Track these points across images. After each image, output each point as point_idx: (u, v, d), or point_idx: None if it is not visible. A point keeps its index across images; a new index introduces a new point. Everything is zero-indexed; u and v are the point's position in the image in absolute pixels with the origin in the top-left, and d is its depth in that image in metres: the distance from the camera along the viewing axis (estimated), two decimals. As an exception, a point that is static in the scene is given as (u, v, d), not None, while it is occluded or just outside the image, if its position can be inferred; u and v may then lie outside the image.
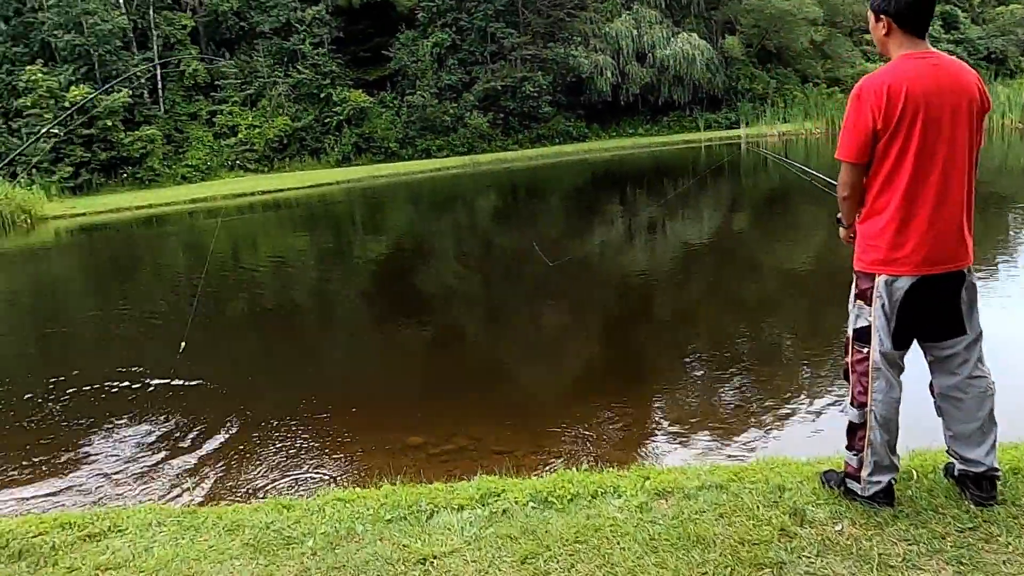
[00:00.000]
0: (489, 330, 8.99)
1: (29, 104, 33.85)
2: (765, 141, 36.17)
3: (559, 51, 41.42)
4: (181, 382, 7.02)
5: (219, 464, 5.10)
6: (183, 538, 3.32)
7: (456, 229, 18.45)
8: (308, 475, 4.80)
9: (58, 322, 11.32)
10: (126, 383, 7.25)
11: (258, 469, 4.97)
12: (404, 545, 3.01)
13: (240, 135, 39.09)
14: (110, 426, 6.07)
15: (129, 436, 5.80)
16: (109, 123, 34.38)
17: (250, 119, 39.54)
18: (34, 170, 32.32)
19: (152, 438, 5.72)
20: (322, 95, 40.35)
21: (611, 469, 3.67)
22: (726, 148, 34.74)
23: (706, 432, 5.01)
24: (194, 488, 4.73)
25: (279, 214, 25.14)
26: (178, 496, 4.63)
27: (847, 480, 2.96)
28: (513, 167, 33.95)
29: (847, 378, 2.94)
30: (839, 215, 3.02)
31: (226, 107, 39.89)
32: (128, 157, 35.76)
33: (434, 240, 16.64)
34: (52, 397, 6.99)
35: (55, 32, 35.65)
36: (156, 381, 7.16)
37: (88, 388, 7.20)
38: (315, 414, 5.92)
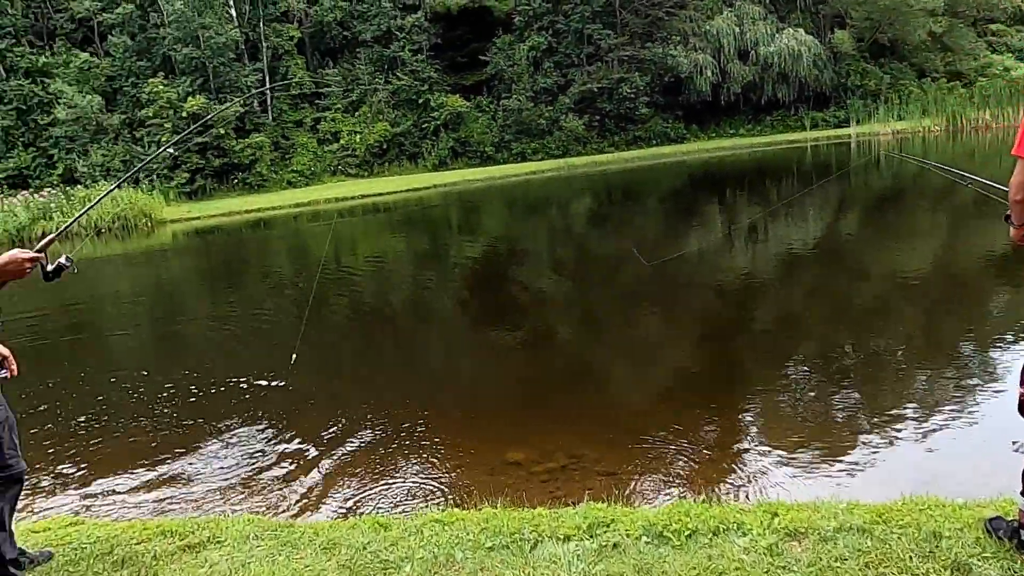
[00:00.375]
0: (586, 336, 8.71)
1: (151, 115, 36.04)
2: (877, 140, 34.21)
3: (657, 51, 40.61)
4: (280, 385, 7.10)
5: (315, 472, 5.05)
6: (280, 555, 3.23)
7: (551, 232, 18.25)
8: (405, 488, 4.66)
9: (174, 322, 11.82)
10: (233, 386, 7.40)
11: (355, 479, 4.88)
12: (507, 578, 2.79)
13: (342, 141, 40.33)
14: (215, 430, 6.16)
15: (232, 441, 5.86)
16: (222, 131, 36.21)
17: (351, 125, 40.75)
18: (155, 176, 34.33)
19: (253, 443, 5.75)
20: (420, 100, 41.10)
21: (731, 501, 3.35)
22: (835, 147, 33.06)
23: (832, 458, 4.56)
24: (291, 497, 4.68)
25: (378, 217, 25.66)
26: (275, 504, 4.59)
27: (1022, 531, 2.53)
28: (608, 170, 33.48)
29: (1023, 412, 2.52)
30: (1007, 213, 2.60)
31: (329, 114, 41.28)
32: (239, 164, 37.52)
33: (528, 243, 16.49)
34: (164, 398, 7.21)
35: (175, 46, 37.82)
36: (258, 384, 7.27)
37: (197, 390, 7.40)
38: (412, 422, 5.81)
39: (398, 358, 8.32)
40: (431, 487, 4.62)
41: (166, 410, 6.82)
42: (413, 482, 4.72)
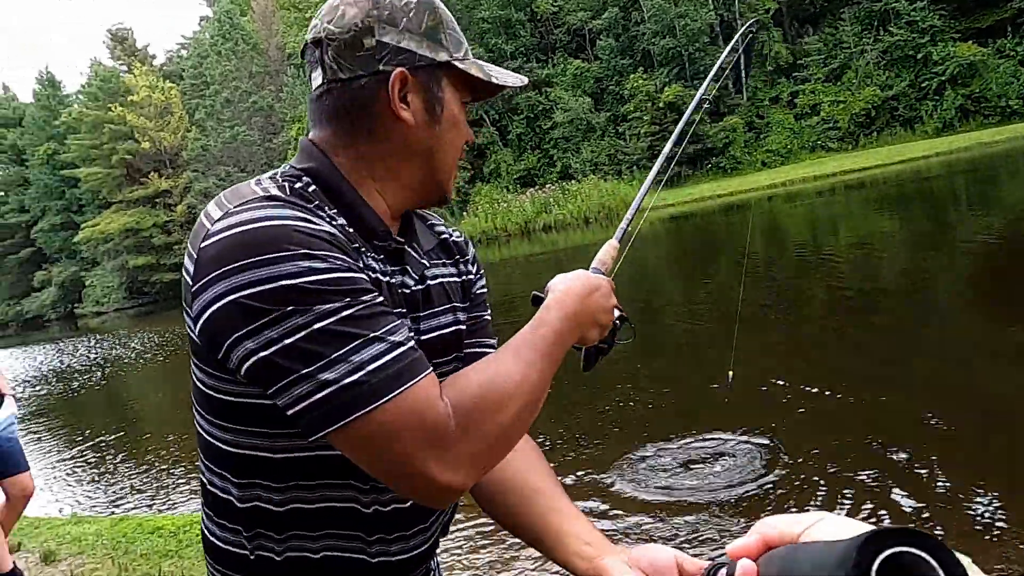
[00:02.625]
0: None
1: (632, 108, 38.34)
2: None
3: None
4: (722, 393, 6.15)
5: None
6: None
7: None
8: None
9: (654, 311, 11.75)
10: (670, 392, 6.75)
11: None
12: None
13: (822, 113, 37.19)
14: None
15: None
16: (697, 117, 36.48)
17: (833, 95, 37.27)
18: (634, 168, 36.44)
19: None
20: (919, 56, 35.44)
21: None
22: None
23: None
24: None
25: (863, 194, 22.69)
26: None
27: None
28: None
29: None
30: None
31: (808, 86, 38.44)
32: (712, 148, 37.55)
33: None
34: (631, 404, 6.92)
35: (653, 40, 39.52)
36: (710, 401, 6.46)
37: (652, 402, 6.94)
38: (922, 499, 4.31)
39: (891, 372, 6.62)
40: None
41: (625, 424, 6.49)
42: None
